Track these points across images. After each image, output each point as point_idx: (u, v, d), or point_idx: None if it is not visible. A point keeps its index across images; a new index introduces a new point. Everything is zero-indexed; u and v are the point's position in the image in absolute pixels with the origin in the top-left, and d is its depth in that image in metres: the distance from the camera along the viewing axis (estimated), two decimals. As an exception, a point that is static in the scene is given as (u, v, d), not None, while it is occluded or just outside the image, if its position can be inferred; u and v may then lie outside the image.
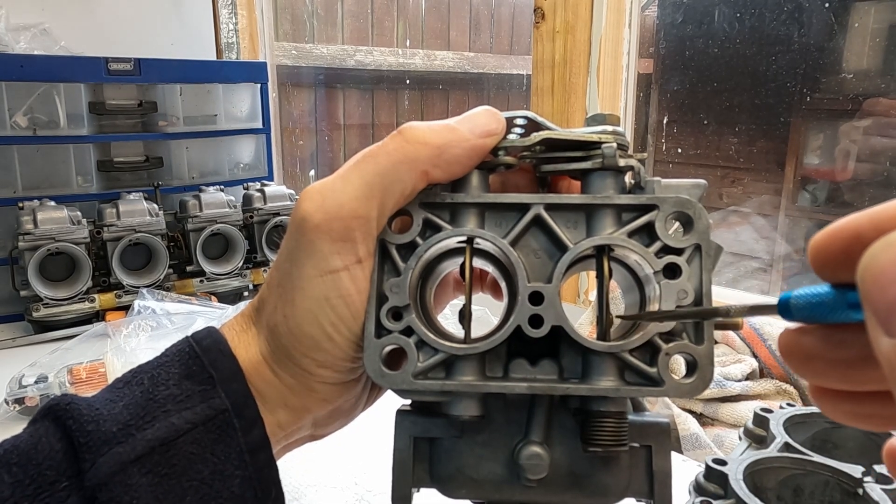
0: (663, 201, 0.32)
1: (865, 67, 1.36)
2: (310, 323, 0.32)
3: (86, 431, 0.30)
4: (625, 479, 0.34)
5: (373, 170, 0.32)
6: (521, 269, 0.32)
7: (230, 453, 0.31)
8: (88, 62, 1.38)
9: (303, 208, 0.33)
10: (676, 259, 0.31)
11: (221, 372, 0.33)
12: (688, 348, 0.31)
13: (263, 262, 1.50)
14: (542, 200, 0.33)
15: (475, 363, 0.33)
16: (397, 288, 0.33)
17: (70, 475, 0.30)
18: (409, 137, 0.32)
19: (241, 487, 0.31)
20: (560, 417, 0.34)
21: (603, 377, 0.32)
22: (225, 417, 0.32)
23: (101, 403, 0.32)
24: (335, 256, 0.32)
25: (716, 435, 0.94)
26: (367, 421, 0.44)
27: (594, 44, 1.28)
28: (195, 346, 0.34)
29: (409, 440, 0.35)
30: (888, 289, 0.18)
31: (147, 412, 0.31)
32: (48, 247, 1.21)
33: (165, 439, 0.31)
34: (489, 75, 2.67)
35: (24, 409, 0.88)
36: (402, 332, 0.33)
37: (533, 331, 0.31)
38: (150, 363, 0.34)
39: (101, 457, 0.30)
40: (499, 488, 0.35)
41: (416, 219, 0.34)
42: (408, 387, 0.32)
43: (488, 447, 0.35)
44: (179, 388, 0.32)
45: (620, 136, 0.34)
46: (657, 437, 0.34)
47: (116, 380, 0.34)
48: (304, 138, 2.41)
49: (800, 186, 1.56)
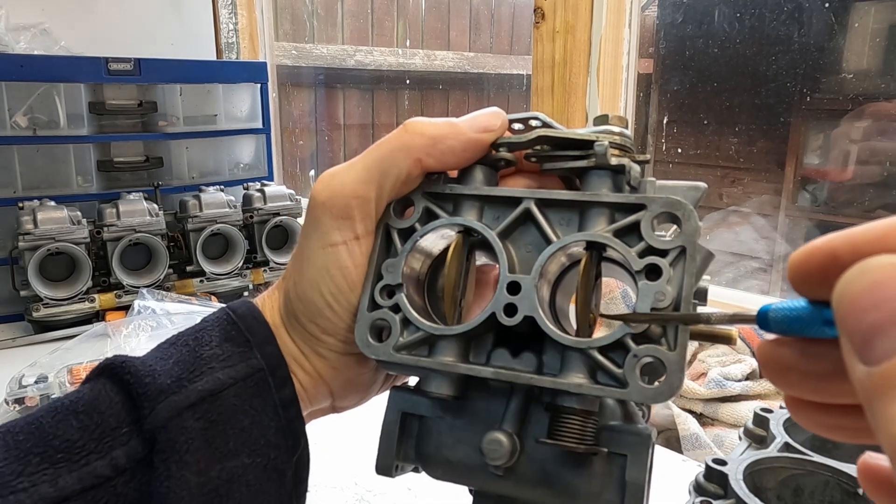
0: (652, 201, 0.32)
1: (865, 67, 1.36)
2: (313, 290, 0.36)
3: (143, 383, 0.34)
4: (596, 485, 0.33)
5: (374, 156, 0.36)
6: (503, 259, 0.34)
7: (266, 407, 0.35)
8: (88, 62, 1.38)
9: (315, 188, 0.37)
10: (658, 260, 0.31)
11: (257, 336, 0.37)
12: (658, 353, 0.30)
13: (263, 262, 1.50)
14: (532, 195, 0.35)
15: (457, 346, 0.34)
16: (392, 268, 0.36)
17: (130, 422, 0.33)
18: (409, 128, 0.36)
19: (275, 436, 0.35)
20: (537, 413, 0.34)
21: (572, 374, 0.31)
22: (261, 376, 0.36)
23: (154, 360, 0.35)
24: (335, 232, 0.36)
25: (716, 435, 0.94)
26: (368, 421, 0.45)
27: (594, 44, 1.28)
28: (232, 315, 0.37)
29: (397, 413, 0.37)
30: (863, 316, 0.18)
31: (196, 367, 0.35)
32: (48, 247, 1.20)
33: (213, 391, 0.34)
34: (489, 75, 2.67)
35: (23, 409, 0.88)
36: (391, 308, 0.35)
37: (507, 319, 0.33)
38: (191, 329, 0.38)
39: (158, 404, 0.33)
40: (471, 473, 0.35)
41: (418, 206, 0.37)
42: (387, 358, 0.35)
43: (466, 431, 0.36)
44: (221, 349, 0.36)
45: (624, 138, 0.35)
46: (634, 446, 0.32)
47: (161, 343, 0.38)
48: (304, 138, 2.41)
49: (800, 186, 1.56)
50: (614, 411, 0.34)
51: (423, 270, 0.39)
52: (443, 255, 0.38)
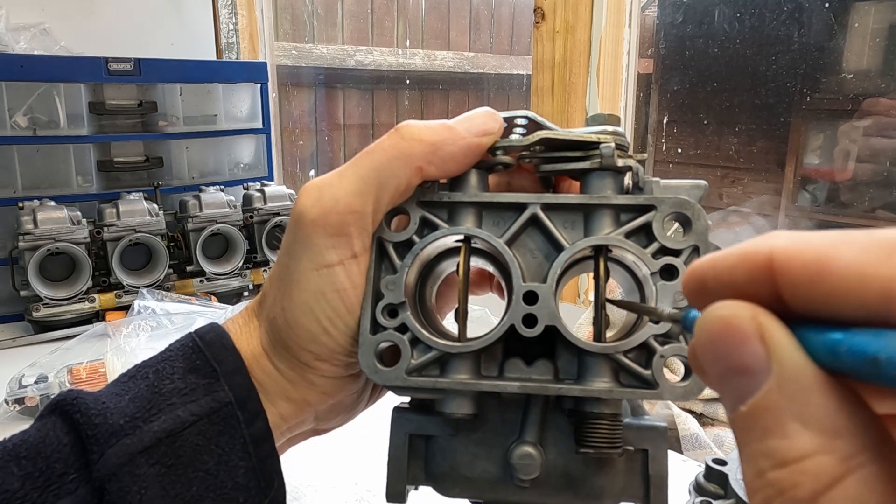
0: (661, 202, 0.32)
1: (865, 67, 1.36)
2: (306, 316, 0.33)
3: (93, 424, 0.31)
4: (620, 482, 0.34)
5: (368, 165, 0.33)
6: (515, 268, 0.32)
7: (234, 444, 0.32)
8: (88, 62, 1.38)
9: (301, 203, 0.33)
10: (674, 260, 0.31)
11: (225, 365, 0.33)
12: (683, 351, 0.31)
13: (263, 262, 1.50)
14: (538, 200, 0.33)
15: (469, 362, 0.33)
16: (393, 285, 0.33)
17: (78, 467, 0.30)
18: (404, 134, 0.33)
19: (244, 477, 0.32)
20: (555, 419, 0.34)
21: (597, 378, 0.31)
22: (229, 410, 0.32)
23: (108, 397, 0.32)
24: (331, 251, 0.33)
25: (716, 435, 0.94)
26: (368, 421, 0.44)
27: (594, 44, 1.28)
28: (198, 341, 0.34)
29: (404, 437, 0.35)
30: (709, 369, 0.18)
31: (153, 405, 0.32)
32: (48, 247, 1.20)
33: (172, 431, 0.31)
34: (489, 75, 2.67)
35: (24, 409, 0.88)
36: (397, 329, 0.33)
37: (527, 330, 0.31)
38: (154, 358, 0.35)
39: (108, 448, 0.30)
40: (492, 487, 0.34)
41: (414, 217, 0.34)
42: (401, 383, 0.32)
43: (483, 446, 0.35)
44: (184, 381, 0.33)
45: (620, 137, 0.34)
46: (654, 441, 0.34)
47: (121, 375, 0.34)
48: (304, 138, 2.41)
49: (800, 186, 1.56)
50: (625, 408, 0.34)
51: (415, 281, 0.37)
52: (430, 264, 0.37)
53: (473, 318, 0.34)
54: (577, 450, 0.32)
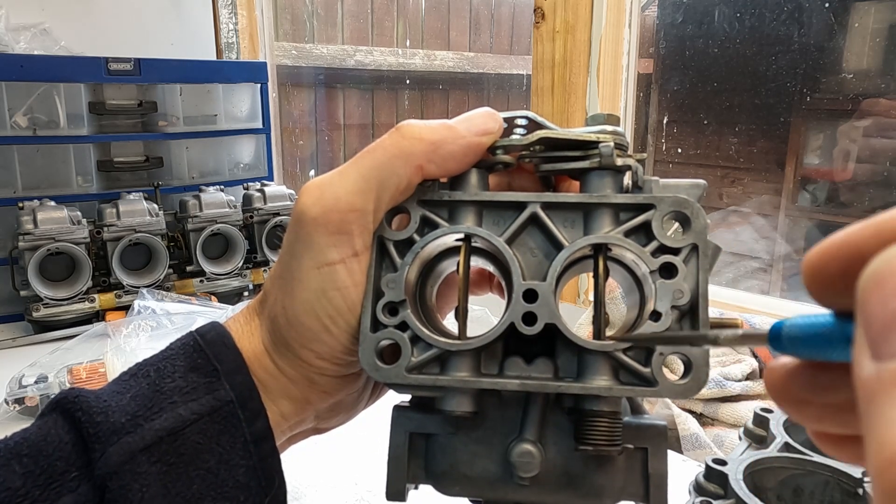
0: (660, 200, 0.32)
1: (865, 67, 1.36)
2: (307, 314, 0.33)
3: (95, 422, 0.31)
4: (620, 480, 0.34)
5: (369, 164, 0.33)
6: (515, 267, 0.33)
7: (235, 443, 0.32)
8: (88, 62, 1.38)
9: (302, 202, 0.33)
10: (673, 259, 0.31)
11: (226, 364, 0.34)
12: (682, 349, 0.31)
13: (263, 262, 1.50)
14: (538, 199, 0.34)
15: (470, 360, 0.33)
16: (394, 283, 0.33)
17: (80, 465, 0.31)
18: (405, 133, 0.33)
19: (245, 476, 0.32)
20: (555, 417, 0.34)
21: (597, 376, 0.31)
22: (230, 409, 0.33)
23: (109, 395, 0.32)
24: (332, 249, 0.33)
25: (716, 435, 0.94)
26: (368, 421, 0.44)
27: (594, 44, 1.28)
28: (199, 340, 0.34)
29: (404, 435, 0.35)
30: (887, 302, 0.15)
31: (154, 403, 0.32)
32: (48, 247, 1.20)
33: (173, 429, 0.31)
34: (489, 75, 2.67)
35: (24, 409, 0.88)
36: (397, 327, 0.33)
37: (526, 328, 0.32)
38: (155, 357, 0.35)
39: (110, 446, 0.30)
40: (492, 486, 0.35)
41: (414, 216, 0.34)
42: (401, 381, 0.32)
43: (482, 444, 0.35)
44: (185, 380, 0.33)
45: (620, 136, 0.34)
46: (653, 439, 0.34)
47: (122, 373, 0.34)
48: (304, 138, 2.41)
49: (800, 186, 1.56)
50: (625, 407, 0.34)
51: (415, 280, 0.37)
52: (430, 263, 0.37)
53: (473, 318, 0.34)
54: (577, 448, 0.32)
